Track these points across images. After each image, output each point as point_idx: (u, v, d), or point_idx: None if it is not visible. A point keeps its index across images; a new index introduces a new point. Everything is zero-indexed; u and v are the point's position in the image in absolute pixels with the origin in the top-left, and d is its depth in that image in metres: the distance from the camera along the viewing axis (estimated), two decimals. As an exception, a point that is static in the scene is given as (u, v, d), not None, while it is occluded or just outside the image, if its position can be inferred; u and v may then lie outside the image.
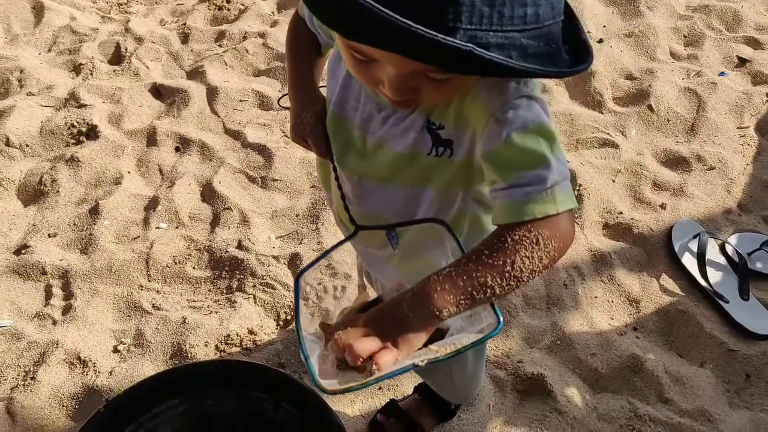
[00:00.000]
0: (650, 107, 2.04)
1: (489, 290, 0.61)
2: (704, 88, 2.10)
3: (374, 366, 0.58)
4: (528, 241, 0.61)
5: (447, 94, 0.69)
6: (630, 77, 2.20)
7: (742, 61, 2.24)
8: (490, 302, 0.64)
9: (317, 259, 0.76)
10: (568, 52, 0.65)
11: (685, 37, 2.36)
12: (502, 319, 0.64)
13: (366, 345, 0.59)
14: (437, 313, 0.60)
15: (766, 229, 1.74)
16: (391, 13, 0.51)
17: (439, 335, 0.66)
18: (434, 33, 0.52)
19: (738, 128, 2.02)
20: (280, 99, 2.14)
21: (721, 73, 2.18)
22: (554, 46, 0.61)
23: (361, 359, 0.58)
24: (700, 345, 1.49)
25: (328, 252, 0.78)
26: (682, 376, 1.42)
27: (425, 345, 0.63)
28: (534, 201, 0.62)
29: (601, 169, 1.88)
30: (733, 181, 1.86)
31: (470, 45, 0.53)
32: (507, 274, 0.61)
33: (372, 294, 0.96)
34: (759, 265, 1.63)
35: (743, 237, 1.69)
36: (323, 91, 0.90)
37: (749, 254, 1.63)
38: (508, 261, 0.61)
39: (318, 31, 0.91)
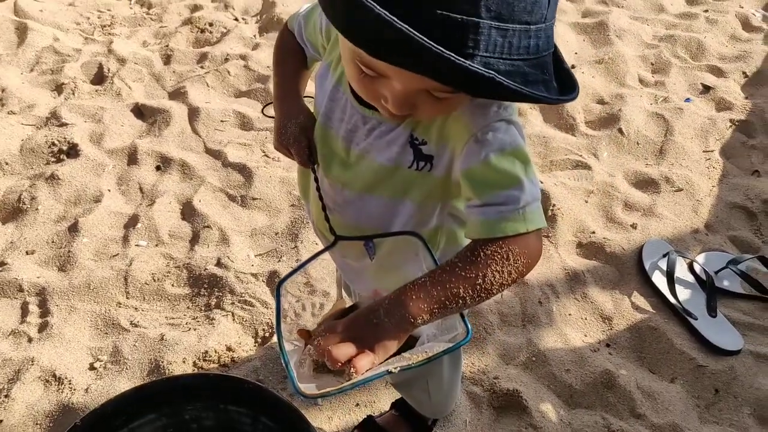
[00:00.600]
0: (621, 131, 2.12)
1: (461, 300, 0.65)
2: (671, 113, 2.18)
3: (352, 369, 0.60)
4: (499, 256, 0.66)
5: (443, 111, 0.72)
6: (601, 102, 2.28)
7: (707, 89, 2.34)
8: (461, 312, 0.67)
9: (299, 267, 0.78)
10: (555, 81, 0.69)
11: (653, 64, 2.47)
12: (471, 329, 0.67)
13: (344, 350, 0.62)
14: (411, 320, 0.63)
15: (732, 248, 1.81)
16: (430, 42, 0.55)
17: (410, 343, 0.69)
18: (462, 60, 0.56)
19: (704, 152, 2.10)
20: (264, 107, 2.17)
21: (687, 99, 2.28)
22: (548, 75, 0.66)
23: (340, 363, 0.61)
24: (670, 361, 1.53)
25: (309, 260, 0.80)
26: (653, 392, 1.46)
27: (399, 352, 0.66)
28: (507, 219, 0.67)
29: (575, 190, 1.94)
30: (700, 203, 1.93)
31: (492, 72, 0.58)
32: (478, 286, 0.65)
33: (349, 302, 0.99)
34: (725, 283, 1.69)
35: (710, 256, 1.75)
36: (308, 102, 0.94)
37: (716, 272, 1.69)
38: (480, 274, 0.65)
39: (306, 45, 0.94)
